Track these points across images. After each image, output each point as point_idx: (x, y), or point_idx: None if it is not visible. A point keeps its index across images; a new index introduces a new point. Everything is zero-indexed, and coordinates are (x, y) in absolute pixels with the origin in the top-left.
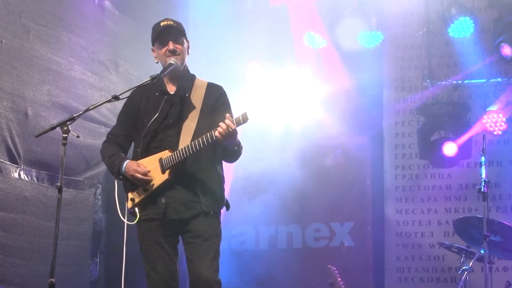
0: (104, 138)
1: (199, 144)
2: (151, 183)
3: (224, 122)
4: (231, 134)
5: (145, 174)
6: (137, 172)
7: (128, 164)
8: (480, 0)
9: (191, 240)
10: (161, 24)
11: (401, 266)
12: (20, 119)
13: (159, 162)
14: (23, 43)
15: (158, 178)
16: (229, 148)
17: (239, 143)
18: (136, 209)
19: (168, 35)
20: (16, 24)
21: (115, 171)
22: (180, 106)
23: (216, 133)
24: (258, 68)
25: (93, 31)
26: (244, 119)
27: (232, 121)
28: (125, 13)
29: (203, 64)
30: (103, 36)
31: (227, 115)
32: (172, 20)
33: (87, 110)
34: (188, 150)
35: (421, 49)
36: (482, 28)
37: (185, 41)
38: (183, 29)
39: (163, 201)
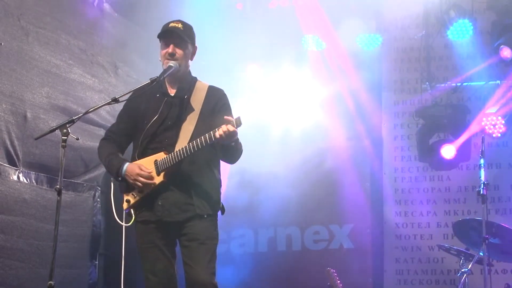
0: None
1: (193, 146)
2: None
3: (225, 125)
4: (231, 136)
5: (149, 177)
6: (140, 176)
7: (129, 167)
8: (479, 3)
9: (187, 243)
10: (169, 25)
11: (400, 269)
12: (19, 122)
13: (154, 164)
14: (22, 46)
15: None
16: (227, 145)
17: (237, 139)
18: (132, 211)
19: (171, 37)
20: (15, 27)
21: (114, 171)
22: (179, 108)
23: (217, 134)
24: (258, 71)
25: (92, 34)
26: (237, 123)
27: (233, 124)
28: (124, 15)
29: (203, 66)
30: (102, 39)
31: (227, 118)
32: (182, 23)
33: (87, 112)
34: (184, 152)
35: (420, 52)
36: (481, 30)
37: (189, 46)
38: (191, 34)
39: (159, 203)
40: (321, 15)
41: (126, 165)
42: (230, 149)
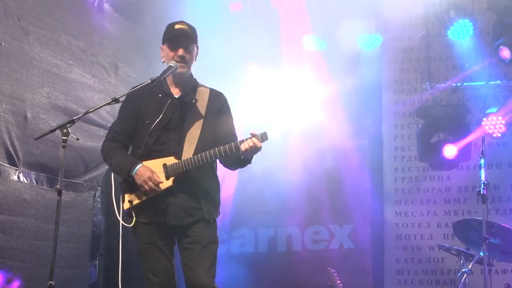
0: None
1: (213, 155)
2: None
3: (251, 140)
4: (256, 151)
5: (157, 185)
6: (150, 181)
7: (141, 169)
8: (479, 3)
9: (189, 246)
10: (175, 27)
11: (400, 269)
12: (20, 122)
13: (163, 167)
14: (22, 46)
15: (161, 183)
16: (246, 158)
17: None
18: (133, 212)
19: (180, 41)
20: (16, 27)
21: (125, 171)
22: (184, 111)
23: (242, 147)
24: (258, 71)
25: (93, 34)
26: (263, 138)
27: (258, 138)
28: (124, 15)
29: (203, 67)
30: (103, 39)
31: (253, 132)
32: (187, 25)
33: (87, 112)
34: (199, 160)
35: (420, 52)
36: (481, 30)
37: (195, 48)
38: (196, 36)
39: (163, 206)
40: (321, 15)
41: (140, 166)
42: (245, 160)
